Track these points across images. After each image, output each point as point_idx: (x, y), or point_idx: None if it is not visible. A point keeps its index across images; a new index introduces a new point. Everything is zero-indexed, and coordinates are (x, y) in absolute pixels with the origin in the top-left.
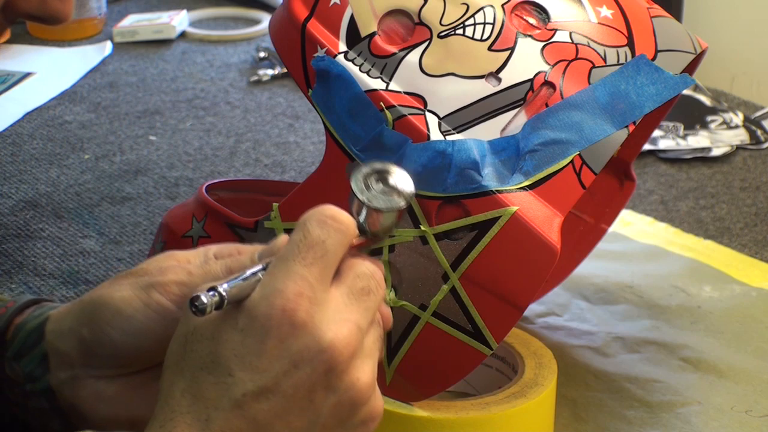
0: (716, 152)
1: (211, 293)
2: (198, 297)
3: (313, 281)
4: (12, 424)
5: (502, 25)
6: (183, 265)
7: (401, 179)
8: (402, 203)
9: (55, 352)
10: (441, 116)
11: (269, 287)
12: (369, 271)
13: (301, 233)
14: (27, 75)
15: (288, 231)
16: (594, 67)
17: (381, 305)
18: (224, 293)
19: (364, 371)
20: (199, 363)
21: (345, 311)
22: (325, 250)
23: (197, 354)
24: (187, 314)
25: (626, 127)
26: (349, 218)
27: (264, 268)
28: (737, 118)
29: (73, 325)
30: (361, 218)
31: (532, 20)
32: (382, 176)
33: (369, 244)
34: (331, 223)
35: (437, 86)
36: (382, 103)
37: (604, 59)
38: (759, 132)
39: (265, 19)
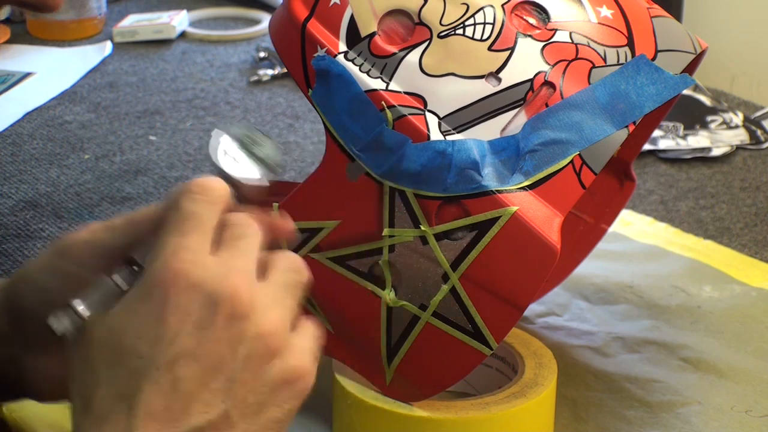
0: (716, 152)
1: (64, 316)
2: (51, 324)
3: (189, 243)
4: None
5: (502, 25)
6: (90, 227)
7: (268, 149)
8: (260, 174)
9: None
10: (441, 116)
11: (155, 261)
12: (238, 219)
13: (173, 210)
14: (27, 75)
15: None
16: (594, 67)
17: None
18: (83, 313)
19: (269, 318)
20: (109, 362)
21: (228, 262)
22: (199, 219)
23: (104, 356)
24: (70, 344)
25: (626, 127)
26: (218, 184)
27: (119, 272)
28: (737, 118)
29: (3, 304)
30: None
31: (532, 20)
32: (246, 145)
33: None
34: (199, 195)
35: (437, 86)
36: (382, 103)
37: (604, 59)
38: (759, 132)
39: (265, 19)
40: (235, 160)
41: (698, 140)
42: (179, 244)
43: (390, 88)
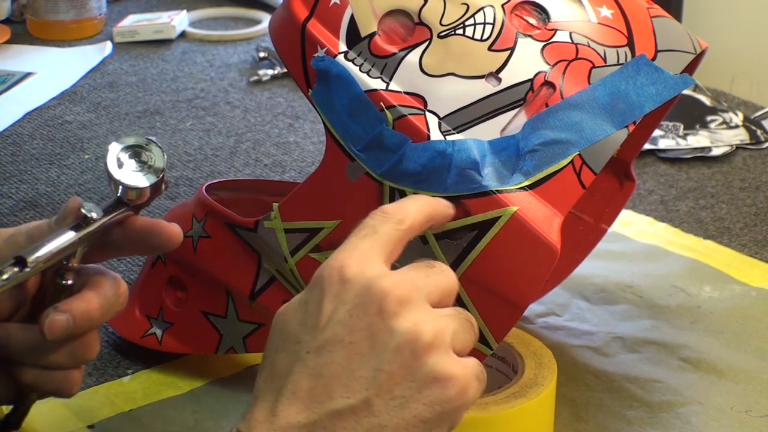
0: (716, 152)
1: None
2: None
3: (365, 248)
4: None
5: (502, 25)
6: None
7: (153, 155)
8: (151, 181)
9: None
10: (441, 116)
11: (332, 258)
12: (440, 266)
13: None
14: (27, 75)
15: (288, 231)
16: (594, 67)
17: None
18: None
19: (424, 319)
20: (275, 347)
21: (401, 274)
22: (377, 234)
23: (273, 341)
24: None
25: (626, 127)
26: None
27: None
28: (737, 118)
29: None
30: (119, 192)
31: (532, 20)
32: (136, 152)
33: (132, 213)
34: (385, 216)
35: (437, 86)
36: (382, 103)
37: (604, 59)
38: (759, 132)
39: (265, 19)
40: (125, 168)
41: (698, 140)
42: (353, 244)
43: (390, 88)
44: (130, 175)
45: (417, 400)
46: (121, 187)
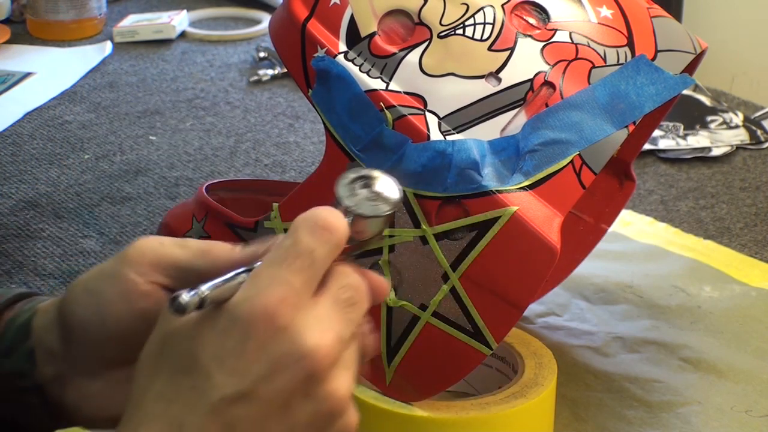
0: (716, 152)
1: (191, 293)
2: (179, 296)
3: (298, 287)
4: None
5: (502, 25)
6: (156, 238)
7: (387, 185)
8: (387, 209)
9: (40, 346)
10: (441, 116)
11: (253, 290)
12: (355, 282)
13: (291, 239)
14: (27, 75)
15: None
16: (594, 67)
17: (363, 318)
18: (205, 293)
19: (342, 383)
20: (177, 365)
21: (327, 320)
22: (313, 260)
23: (175, 355)
24: (166, 315)
25: (626, 127)
26: (342, 226)
27: (248, 271)
28: (737, 118)
29: (56, 315)
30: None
31: (532, 20)
32: (368, 182)
33: (354, 249)
34: (321, 233)
35: (437, 86)
36: (382, 103)
37: (604, 59)
38: (759, 132)
39: (265, 19)
40: (359, 198)
41: (698, 140)
42: (286, 281)
43: (390, 88)
44: (364, 204)
45: None
46: (350, 217)
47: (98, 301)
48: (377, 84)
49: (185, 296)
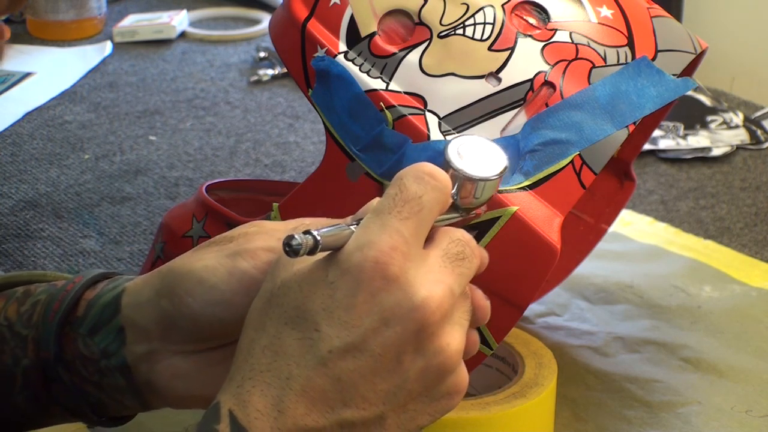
0: (716, 152)
1: (306, 235)
2: (293, 237)
3: (408, 236)
4: (79, 405)
5: (502, 25)
6: (271, 232)
7: (494, 152)
8: (495, 174)
9: (131, 325)
10: (441, 116)
11: (362, 239)
12: (465, 237)
13: (397, 188)
14: (27, 75)
15: None
16: (594, 67)
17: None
18: (318, 237)
19: (454, 337)
20: (284, 317)
21: (439, 272)
22: (421, 206)
23: (283, 308)
24: (275, 268)
25: (626, 127)
26: (446, 176)
27: (356, 223)
28: (737, 118)
29: (152, 296)
30: (454, 190)
31: (532, 20)
32: (476, 148)
33: (457, 224)
34: (428, 179)
35: (437, 86)
36: (382, 103)
37: (604, 59)
38: (759, 132)
39: (265, 19)
40: (465, 160)
41: (698, 140)
42: (396, 229)
43: (390, 88)
44: (473, 167)
45: (425, 413)
46: (457, 182)
47: (215, 298)
48: (377, 84)
49: (299, 238)
